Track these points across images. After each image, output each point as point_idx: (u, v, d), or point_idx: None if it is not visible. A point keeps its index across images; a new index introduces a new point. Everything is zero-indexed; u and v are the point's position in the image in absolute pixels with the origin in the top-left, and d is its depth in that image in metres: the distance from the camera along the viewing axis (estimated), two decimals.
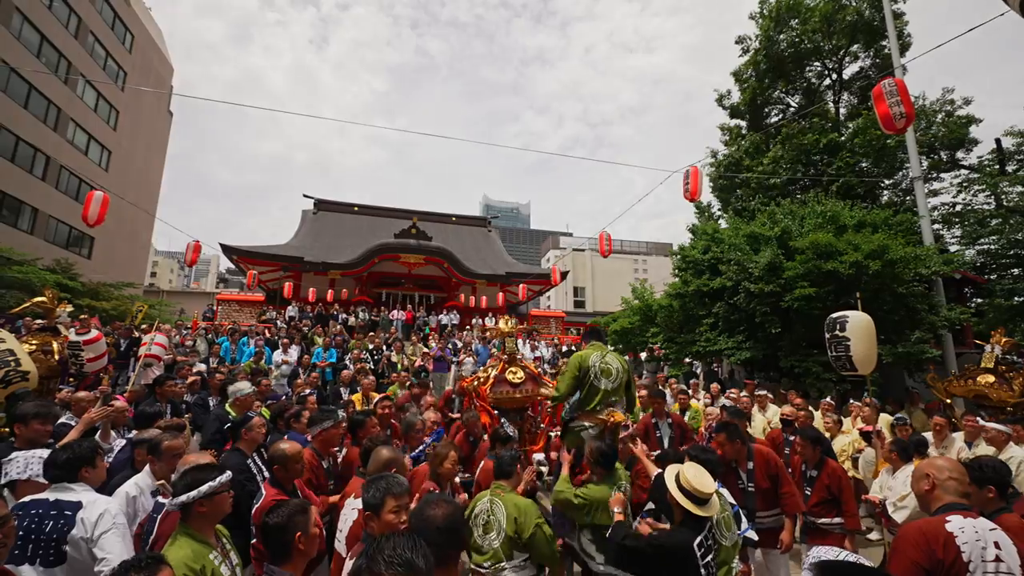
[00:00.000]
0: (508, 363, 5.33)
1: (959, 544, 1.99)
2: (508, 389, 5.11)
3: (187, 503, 2.07)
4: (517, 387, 5.13)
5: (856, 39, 15.64)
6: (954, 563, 1.97)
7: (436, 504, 1.90)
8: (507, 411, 5.22)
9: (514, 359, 5.39)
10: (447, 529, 1.82)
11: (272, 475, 2.98)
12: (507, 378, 5.16)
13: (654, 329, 12.80)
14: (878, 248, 8.17)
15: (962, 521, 2.07)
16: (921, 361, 8.43)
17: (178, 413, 5.53)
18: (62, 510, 2.15)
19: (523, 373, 5.28)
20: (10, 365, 3.76)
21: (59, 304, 6.95)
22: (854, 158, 13.93)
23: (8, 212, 20.35)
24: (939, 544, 2.01)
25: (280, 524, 1.92)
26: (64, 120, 23.22)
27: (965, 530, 2.02)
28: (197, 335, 12.43)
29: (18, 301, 14.35)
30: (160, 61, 32.14)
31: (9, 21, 19.61)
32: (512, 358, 5.39)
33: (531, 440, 5.37)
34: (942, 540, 2.01)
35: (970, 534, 2.01)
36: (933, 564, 1.98)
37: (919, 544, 2.03)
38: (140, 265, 31.62)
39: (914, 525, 2.17)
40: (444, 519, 1.83)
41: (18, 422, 2.98)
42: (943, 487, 2.25)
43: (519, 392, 5.13)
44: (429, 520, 1.82)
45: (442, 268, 20.86)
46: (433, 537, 1.69)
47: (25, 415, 2.98)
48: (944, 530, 2.04)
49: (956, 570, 1.96)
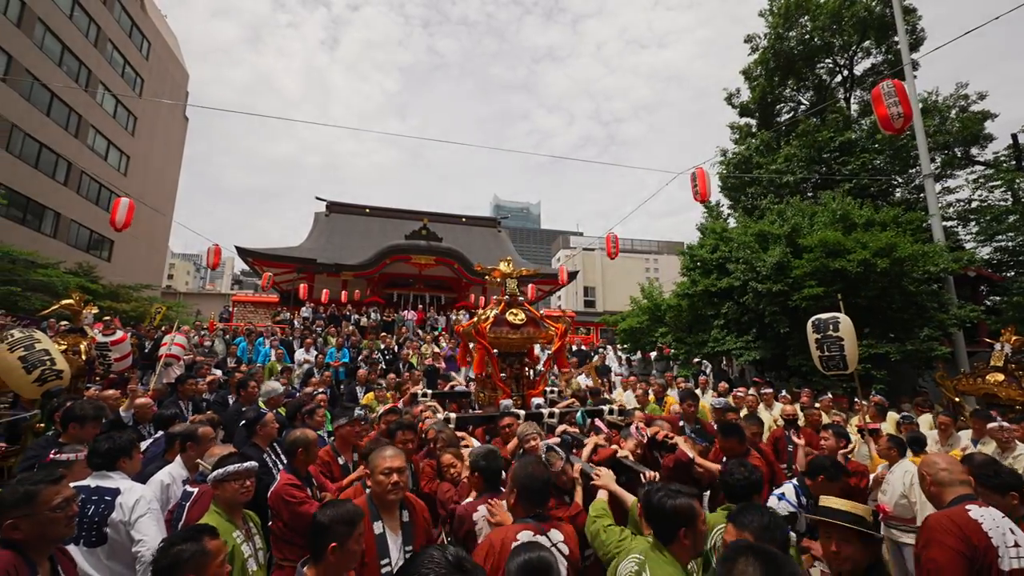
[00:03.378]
0: (509, 304, 5.15)
1: (986, 531, 2.10)
2: (508, 330, 4.95)
3: (213, 480, 2.37)
4: (518, 328, 4.97)
5: (867, 35, 15.52)
6: (987, 548, 2.07)
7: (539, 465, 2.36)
8: (506, 354, 5.06)
9: (515, 301, 5.20)
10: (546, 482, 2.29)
11: (289, 462, 3.14)
12: (507, 319, 5.01)
13: (663, 329, 12.84)
14: (886, 246, 8.17)
15: (981, 510, 2.18)
16: (930, 359, 8.40)
17: (199, 411, 5.75)
18: (103, 495, 2.36)
19: (524, 315, 5.09)
20: (46, 364, 3.99)
21: (85, 306, 7.25)
22: (868, 156, 13.83)
23: (32, 217, 20.98)
24: (971, 531, 2.11)
25: (321, 524, 1.85)
26: (85, 127, 23.85)
27: (985, 518, 2.14)
28: (215, 336, 12.74)
29: (43, 303, 14.83)
30: (176, 67, 32.80)
31: (32, 31, 20.21)
32: (513, 300, 5.20)
33: (529, 385, 5.26)
34: (972, 527, 2.12)
35: (991, 522, 2.12)
36: (971, 550, 2.08)
37: (954, 532, 2.12)
38: (158, 267, 32.28)
39: (943, 515, 2.25)
40: (545, 477, 2.31)
41: (75, 422, 3.15)
42: (944, 481, 2.37)
43: (519, 334, 4.96)
44: (537, 476, 2.25)
45: (452, 269, 21.06)
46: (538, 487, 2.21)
47: (84, 417, 3.18)
48: (970, 518, 2.15)
49: (989, 555, 2.07)
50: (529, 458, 2.55)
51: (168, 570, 1.61)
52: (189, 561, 1.62)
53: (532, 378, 5.39)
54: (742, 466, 2.72)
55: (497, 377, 5.12)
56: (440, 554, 1.32)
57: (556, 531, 2.15)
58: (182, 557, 1.62)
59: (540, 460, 2.54)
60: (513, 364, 5.21)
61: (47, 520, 1.76)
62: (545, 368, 5.57)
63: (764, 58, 16.95)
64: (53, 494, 1.79)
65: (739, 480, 2.63)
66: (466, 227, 29.05)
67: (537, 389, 5.23)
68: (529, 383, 5.29)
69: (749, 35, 17.63)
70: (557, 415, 4.71)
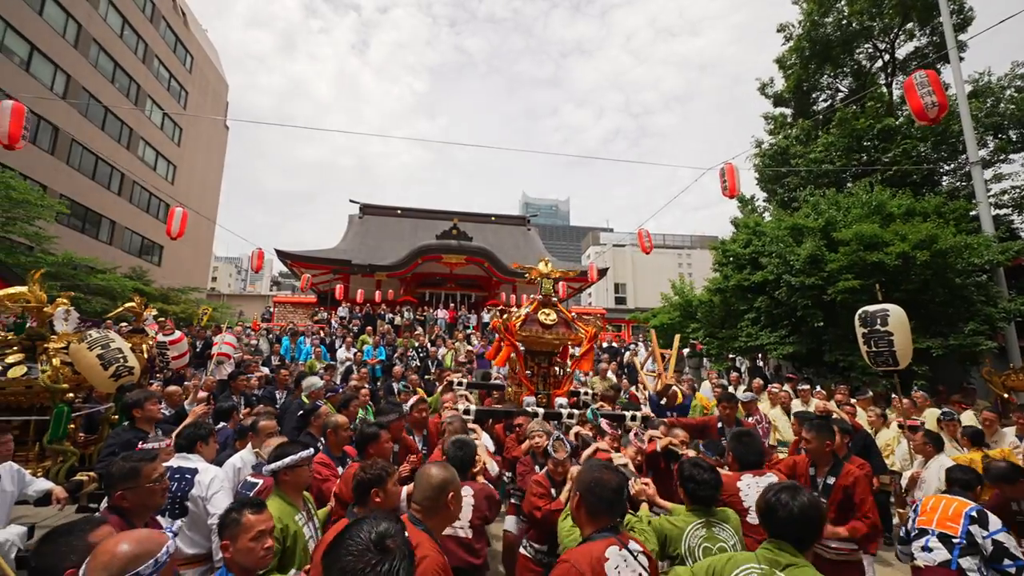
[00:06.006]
0: (542, 304, 5.18)
1: None
2: (539, 329, 4.97)
3: (276, 470, 2.55)
4: (549, 328, 4.98)
5: (909, 17, 14.89)
6: None
7: (609, 470, 2.07)
8: (535, 352, 5.10)
9: (548, 301, 5.22)
10: (620, 489, 1.98)
11: (324, 445, 3.46)
12: (539, 318, 5.02)
13: (694, 325, 12.74)
14: (926, 238, 7.92)
15: None
16: (976, 354, 8.09)
17: (250, 405, 6.17)
18: (184, 474, 2.71)
19: (555, 315, 5.10)
20: (120, 361, 4.39)
21: (145, 308, 7.83)
22: (911, 143, 13.28)
23: (90, 225, 22.46)
24: None
25: (361, 480, 2.29)
26: (136, 139, 25.32)
27: None
28: (259, 335, 13.40)
29: (103, 306, 15.90)
30: (216, 78, 34.33)
31: (88, 51, 21.58)
32: (547, 300, 5.22)
33: (555, 384, 5.28)
34: None
35: None
36: None
37: None
38: (203, 270, 33.92)
39: None
40: (617, 483, 1.99)
41: (135, 407, 3.54)
42: None
43: (550, 334, 4.98)
44: (605, 483, 1.97)
45: (483, 268, 21.35)
46: (609, 496, 1.91)
47: (139, 401, 3.56)
48: None
49: None
50: (596, 461, 2.33)
51: (219, 529, 1.97)
52: (226, 528, 1.89)
53: (559, 377, 5.42)
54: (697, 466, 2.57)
55: (522, 374, 5.22)
56: (366, 533, 1.24)
57: (634, 542, 1.95)
58: (225, 523, 1.92)
59: (610, 465, 2.18)
60: (541, 363, 5.27)
61: (147, 492, 2.07)
62: (572, 369, 5.58)
63: (799, 46, 16.46)
64: (152, 470, 2.10)
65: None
66: (495, 226, 29.32)
67: (562, 389, 5.25)
68: (555, 382, 5.33)
69: (782, 24, 17.17)
70: (576, 416, 4.74)
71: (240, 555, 1.82)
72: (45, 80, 19.42)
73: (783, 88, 17.57)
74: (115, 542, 1.35)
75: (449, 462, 2.84)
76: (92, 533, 1.54)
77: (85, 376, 4.48)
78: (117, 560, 1.29)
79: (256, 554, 1.84)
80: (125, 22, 24.26)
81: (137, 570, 1.30)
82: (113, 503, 2.04)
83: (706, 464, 2.56)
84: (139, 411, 3.56)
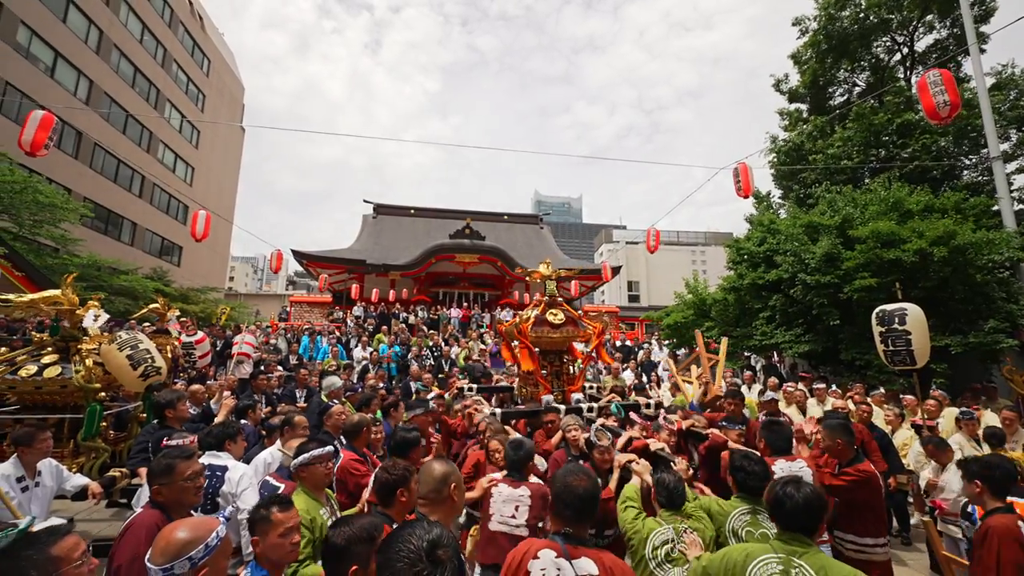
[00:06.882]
0: (549, 305, 5.38)
1: None
2: (548, 329, 5.20)
3: (295, 467, 2.68)
4: (558, 328, 5.21)
5: (929, 9, 14.60)
6: None
7: (582, 475, 2.00)
8: (546, 352, 5.30)
9: (555, 301, 5.42)
10: (588, 498, 1.91)
11: (348, 442, 3.58)
12: (548, 319, 5.25)
13: (708, 323, 12.67)
14: (944, 234, 7.80)
15: None
16: (996, 352, 7.95)
17: (271, 403, 6.34)
18: (214, 471, 2.83)
19: (563, 315, 5.32)
20: (148, 362, 4.56)
21: (168, 310, 8.05)
22: (931, 138, 13.04)
23: (112, 227, 23.02)
24: None
25: (386, 481, 2.27)
26: (155, 142, 25.88)
27: None
28: (278, 335, 13.66)
29: (125, 307, 16.33)
30: (233, 81, 34.89)
31: (109, 56, 22.10)
32: (553, 300, 5.43)
33: (569, 381, 5.47)
34: None
35: None
36: None
37: None
38: (220, 271, 34.55)
39: None
40: (584, 490, 1.92)
41: (167, 407, 3.70)
42: None
43: (559, 333, 5.20)
44: (572, 488, 1.91)
45: (496, 266, 21.45)
46: (575, 503, 1.87)
47: (171, 401, 3.73)
48: None
49: None
50: (573, 466, 2.20)
51: (249, 526, 2.05)
52: (256, 524, 1.97)
53: (572, 374, 5.59)
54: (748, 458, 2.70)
55: (539, 374, 5.38)
56: (418, 539, 1.25)
57: (589, 559, 1.76)
58: (254, 520, 2.00)
59: (586, 472, 2.06)
60: (553, 361, 5.44)
61: (182, 488, 2.18)
62: (584, 365, 5.73)
63: (815, 40, 16.24)
64: (186, 467, 2.21)
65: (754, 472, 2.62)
66: (508, 224, 29.40)
67: (576, 385, 5.43)
68: (569, 379, 5.50)
69: (798, 17, 16.95)
70: (596, 409, 4.92)
71: (270, 550, 1.91)
72: (69, 86, 19.93)
73: (798, 83, 17.36)
74: (173, 528, 1.54)
75: (507, 461, 3.00)
76: (55, 546, 1.48)
77: (115, 376, 4.67)
78: (172, 546, 1.48)
79: (284, 549, 1.93)
80: (144, 27, 24.78)
81: (189, 554, 1.47)
82: (151, 497, 2.17)
83: (756, 456, 2.74)
84: (171, 411, 3.72)
